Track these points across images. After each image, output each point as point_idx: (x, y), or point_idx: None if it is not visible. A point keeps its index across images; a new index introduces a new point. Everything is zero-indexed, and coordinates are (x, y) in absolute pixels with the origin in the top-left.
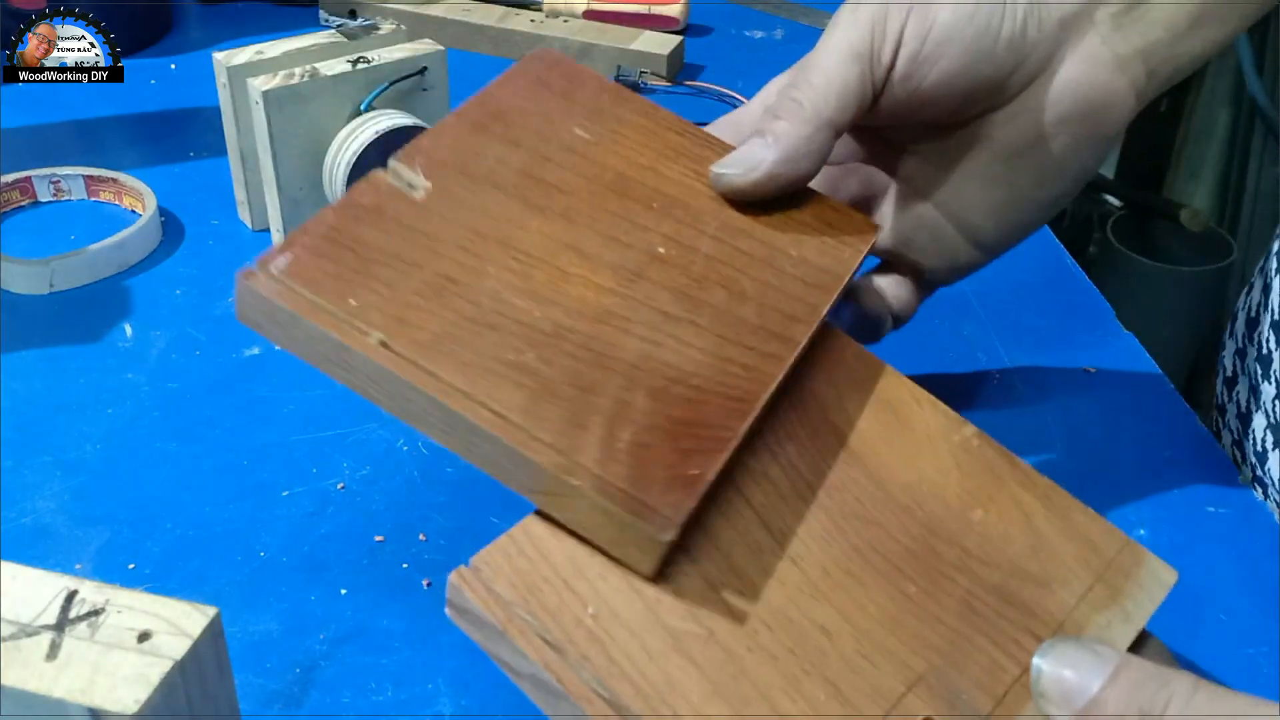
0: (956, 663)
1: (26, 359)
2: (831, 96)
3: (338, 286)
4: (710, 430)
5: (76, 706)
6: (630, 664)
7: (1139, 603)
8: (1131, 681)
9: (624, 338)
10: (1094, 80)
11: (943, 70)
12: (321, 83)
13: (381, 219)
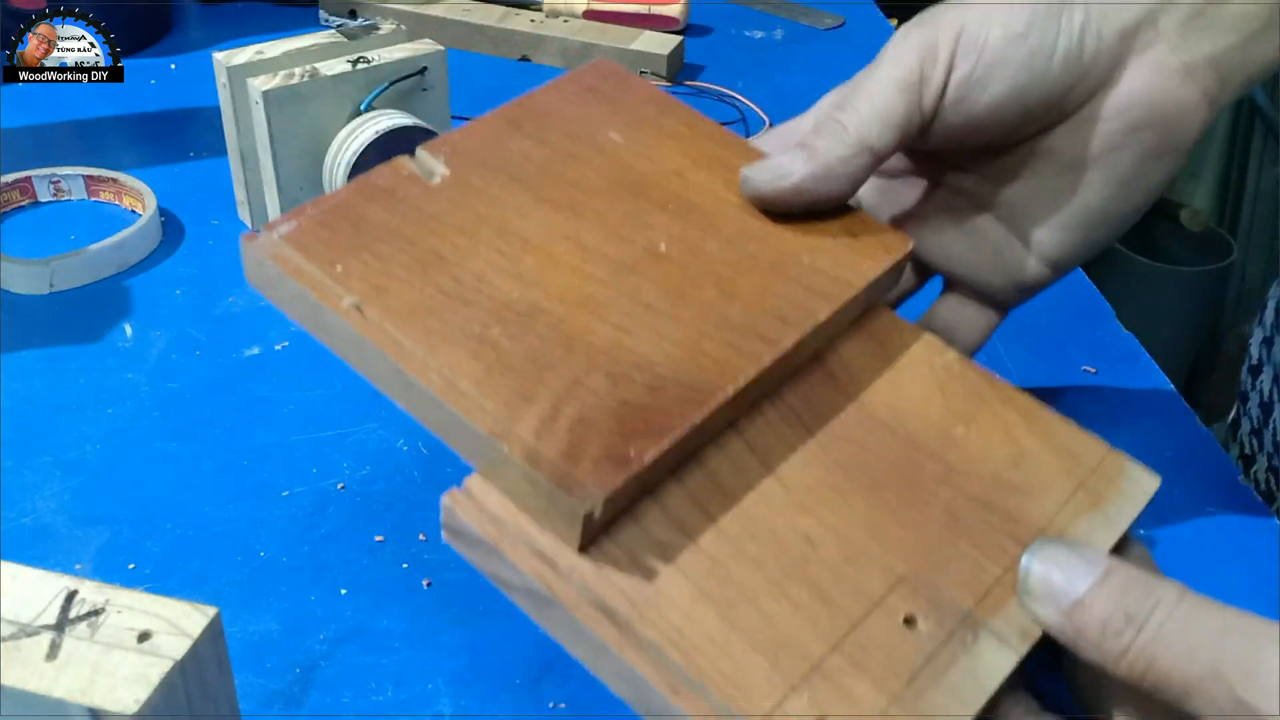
0: (939, 565)
1: (26, 359)
2: (875, 123)
3: (328, 253)
4: (661, 417)
5: (76, 706)
6: (617, 572)
7: (1121, 508)
8: (1119, 586)
9: (598, 324)
10: (1162, 90)
11: (995, 94)
12: (321, 83)
13: (391, 199)
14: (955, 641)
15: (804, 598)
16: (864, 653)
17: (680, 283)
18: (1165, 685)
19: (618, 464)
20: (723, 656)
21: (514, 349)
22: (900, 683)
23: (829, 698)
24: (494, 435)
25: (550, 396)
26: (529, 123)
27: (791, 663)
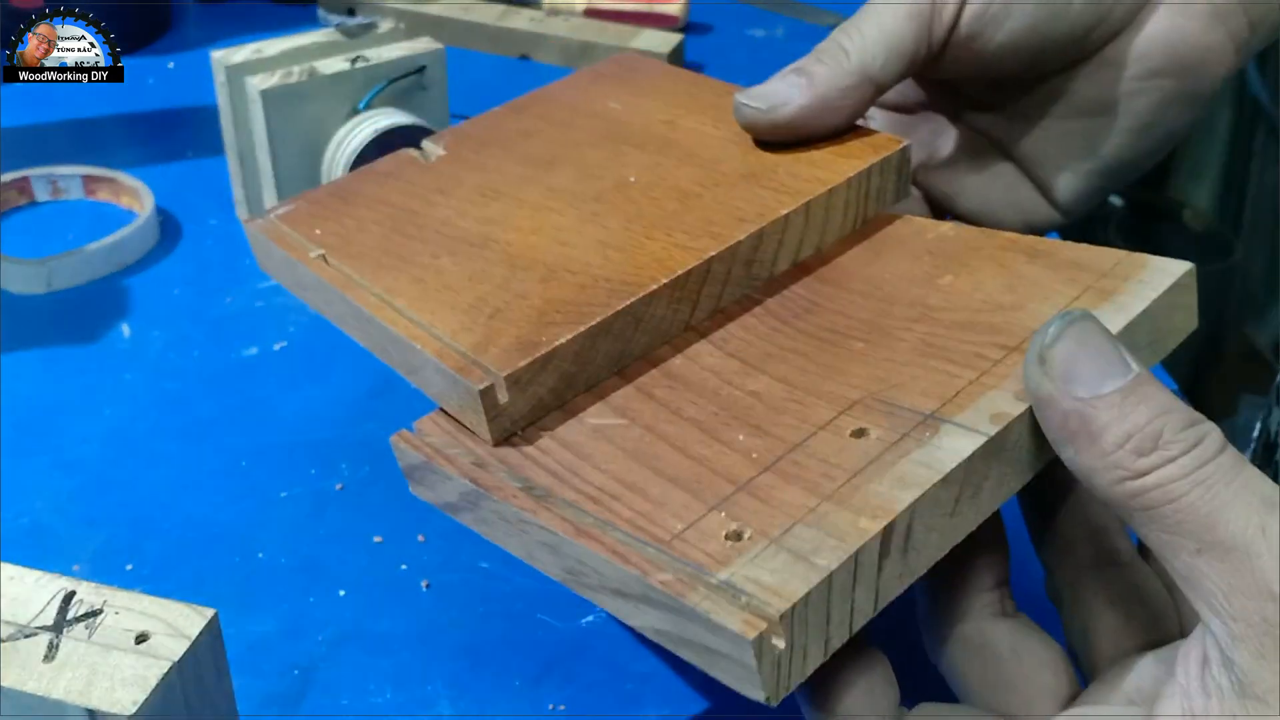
0: (900, 385)
1: (24, 359)
2: (880, 51)
3: (312, 221)
4: (584, 308)
5: (74, 708)
6: (544, 455)
7: (1136, 294)
8: (1157, 400)
9: (547, 244)
10: (1187, 33)
11: (1011, 29)
12: (320, 81)
13: (387, 178)
14: (910, 440)
15: (740, 437)
16: (799, 467)
17: (641, 203)
18: (1177, 535)
19: (525, 349)
20: (639, 497)
21: (456, 271)
22: (836, 484)
23: (751, 510)
24: (412, 338)
25: (478, 304)
26: (535, 107)
27: (715, 489)
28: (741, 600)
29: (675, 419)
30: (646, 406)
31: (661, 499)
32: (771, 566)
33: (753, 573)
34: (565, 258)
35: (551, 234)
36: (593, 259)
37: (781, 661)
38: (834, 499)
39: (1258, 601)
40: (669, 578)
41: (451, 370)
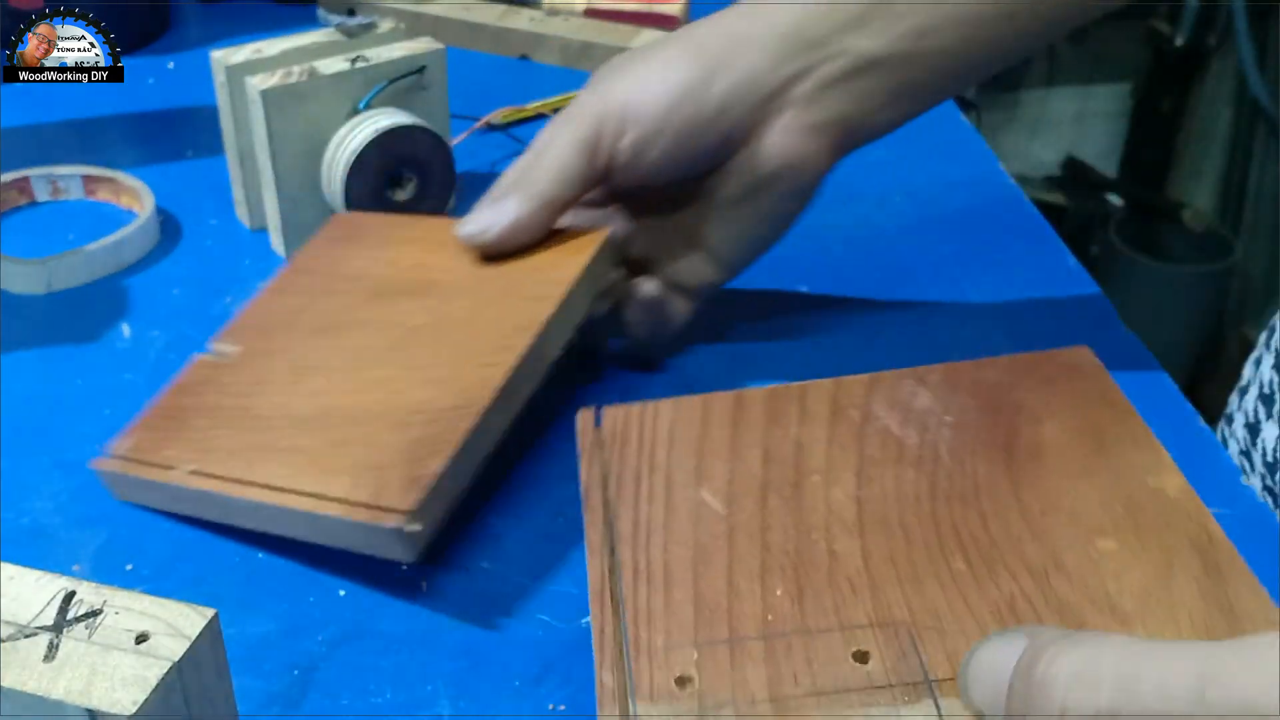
0: (940, 632)
1: (24, 359)
2: (556, 180)
3: (159, 443)
4: (441, 439)
5: (74, 708)
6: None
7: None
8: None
9: (378, 396)
10: (791, 146)
11: (658, 154)
12: (320, 81)
13: (200, 386)
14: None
15: (779, 592)
16: (787, 653)
17: (436, 340)
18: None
19: (415, 485)
20: (669, 590)
21: (315, 444)
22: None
23: (715, 668)
24: (316, 508)
25: (352, 464)
26: (291, 283)
27: (715, 629)
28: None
29: (755, 535)
30: (747, 506)
31: (676, 607)
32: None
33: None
34: (404, 404)
35: (376, 388)
36: (424, 396)
37: None
38: (777, 705)
39: None
40: (609, 680)
41: (366, 522)
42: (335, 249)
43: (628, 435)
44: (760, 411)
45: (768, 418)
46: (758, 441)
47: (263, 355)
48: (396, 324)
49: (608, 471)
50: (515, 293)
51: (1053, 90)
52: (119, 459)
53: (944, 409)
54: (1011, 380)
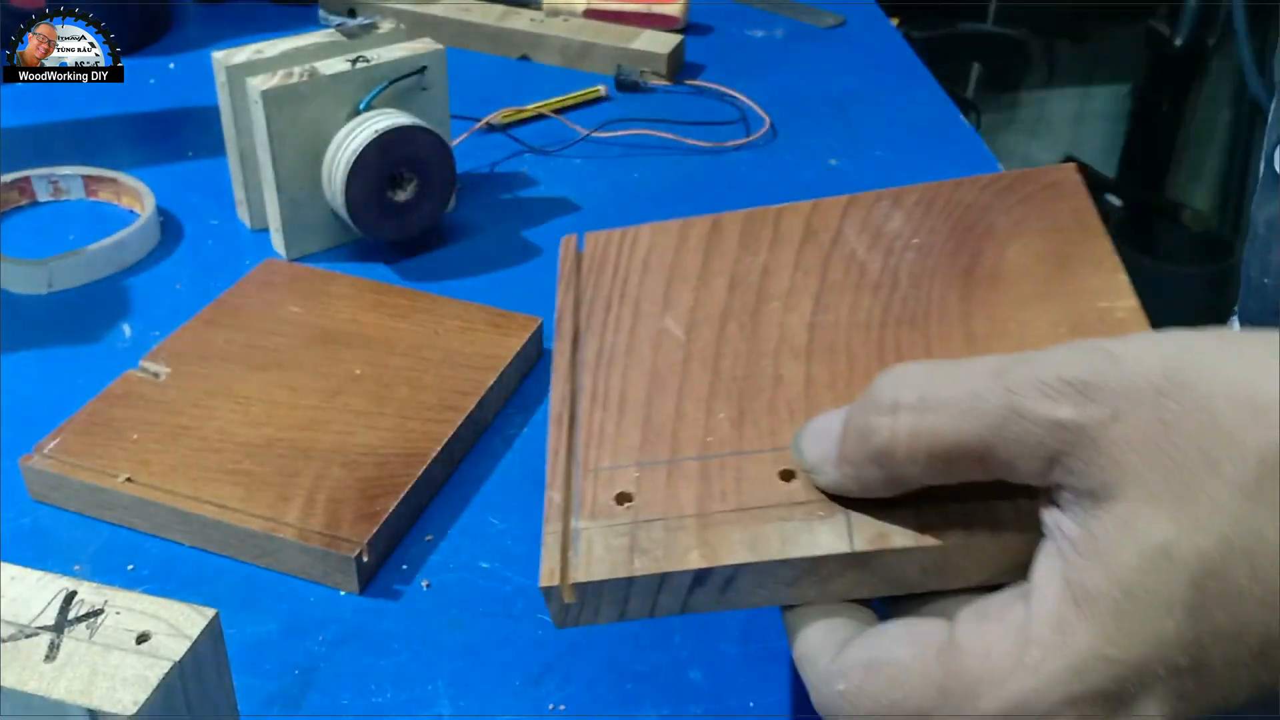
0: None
1: (26, 359)
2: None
3: (90, 449)
4: (392, 480)
5: (75, 708)
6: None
7: None
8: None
9: (325, 435)
10: None
11: None
12: (320, 82)
13: (130, 400)
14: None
15: (721, 415)
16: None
17: (379, 390)
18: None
19: (370, 519)
20: (620, 414)
21: (264, 471)
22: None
23: (653, 487)
24: (268, 530)
25: (304, 494)
26: (224, 318)
27: (657, 450)
28: (570, 553)
29: (709, 362)
30: (706, 334)
31: (626, 430)
32: (610, 544)
33: (599, 538)
34: (346, 444)
35: (321, 427)
36: (372, 441)
37: (569, 610)
38: (702, 519)
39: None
40: (557, 497)
41: (320, 548)
42: (267, 293)
43: (605, 261)
44: (735, 235)
45: (741, 243)
46: (727, 268)
47: (198, 379)
48: (336, 371)
49: (581, 298)
50: (456, 361)
51: (1052, 91)
52: (50, 458)
53: (914, 231)
54: (988, 200)
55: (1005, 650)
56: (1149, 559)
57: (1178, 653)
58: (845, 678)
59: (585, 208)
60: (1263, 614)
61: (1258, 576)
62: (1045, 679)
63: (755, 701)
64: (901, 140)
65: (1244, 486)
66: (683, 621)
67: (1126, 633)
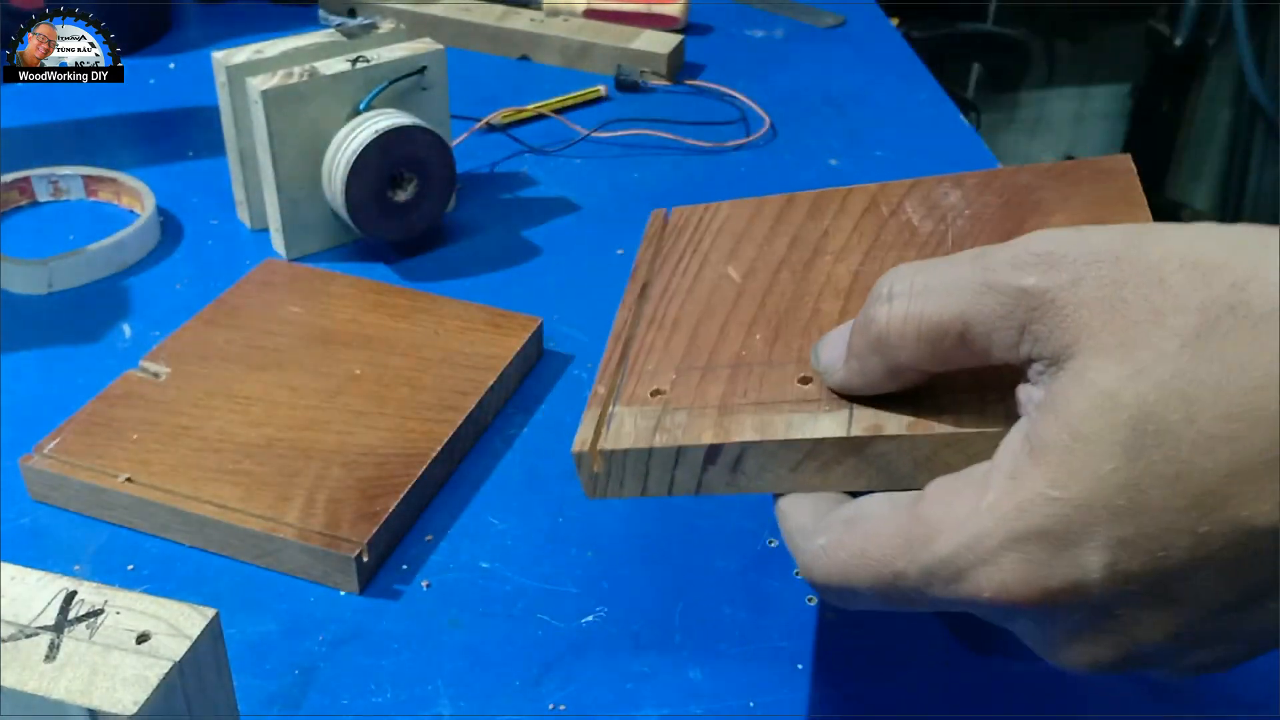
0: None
1: (26, 359)
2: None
3: (90, 449)
4: (392, 480)
5: (75, 708)
6: (678, 264)
7: None
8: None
9: (324, 435)
10: None
11: None
12: (320, 82)
13: (130, 400)
14: (816, 405)
15: (758, 337)
16: (746, 378)
17: (378, 390)
18: (934, 327)
19: (370, 519)
20: (671, 333)
21: (265, 471)
22: (739, 400)
23: (686, 386)
24: (268, 530)
25: (304, 494)
26: (223, 318)
27: (696, 360)
28: (603, 428)
29: (757, 298)
30: (761, 278)
31: (671, 346)
32: (638, 424)
33: (629, 419)
34: (346, 444)
35: (321, 427)
36: (371, 441)
37: (597, 480)
38: (722, 408)
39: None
40: (602, 390)
41: (320, 548)
42: (267, 293)
43: (685, 226)
44: (805, 208)
45: (808, 214)
46: (791, 231)
47: (198, 379)
48: (336, 371)
49: (658, 253)
50: (456, 361)
51: (1052, 91)
52: (50, 458)
53: (967, 205)
54: (1042, 182)
55: (964, 499)
56: (1094, 403)
57: (1116, 493)
58: (826, 532)
59: (585, 208)
60: (1196, 457)
61: (1192, 420)
62: (994, 519)
63: (755, 701)
64: (901, 140)
65: (1185, 337)
66: (683, 621)
67: (1070, 472)
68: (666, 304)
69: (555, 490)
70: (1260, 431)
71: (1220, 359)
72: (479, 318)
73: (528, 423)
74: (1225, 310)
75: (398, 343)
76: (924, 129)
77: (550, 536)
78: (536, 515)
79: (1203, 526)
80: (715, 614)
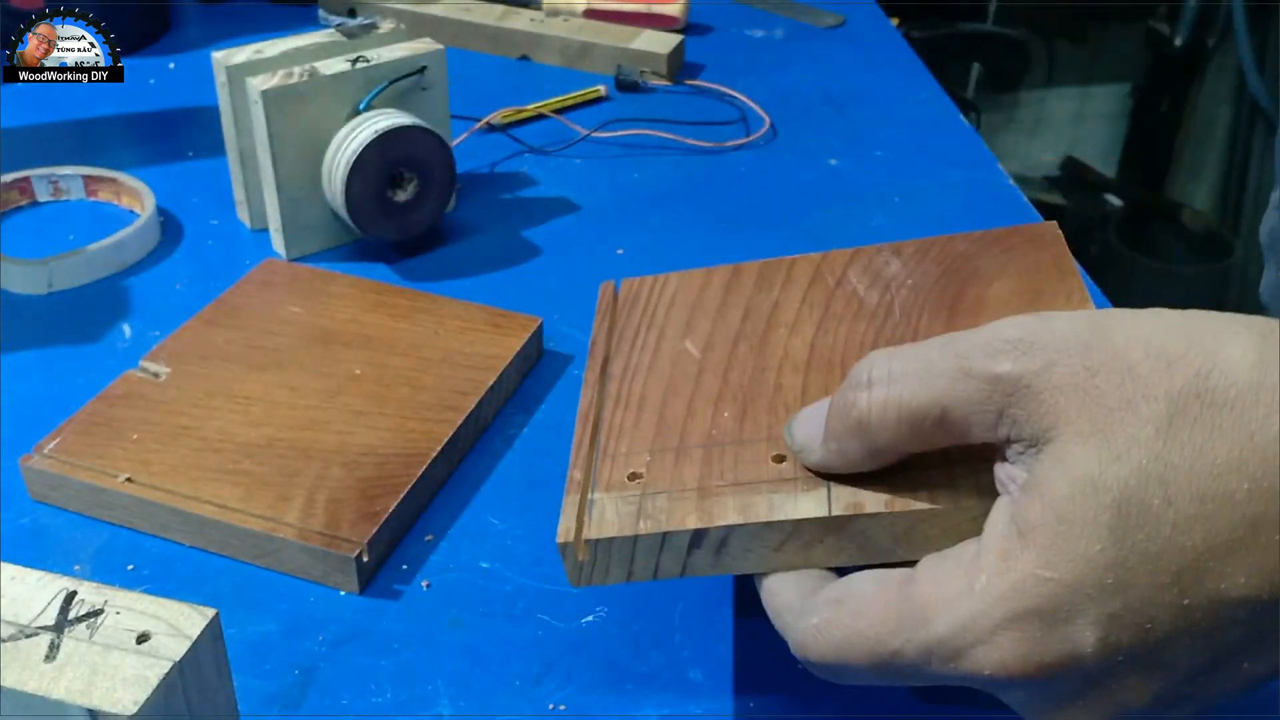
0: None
1: (26, 359)
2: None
3: (90, 449)
4: (392, 480)
5: (75, 708)
6: (633, 346)
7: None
8: (841, 390)
9: (325, 435)
10: None
11: None
12: (320, 82)
13: (131, 400)
14: (793, 485)
15: (726, 414)
16: (719, 458)
17: (378, 390)
18: (913, 413)
19: (370, 519)
20: (638, 412)
21: (264, 471)
22: (717, 483)
23: (661, 467)
24: (268, 530)
25: (304, 494)
26: (223, 318)
27: (668, 441)
28: (585, 517)
29: (719, 373)
30: (719, 352)
31: (640, 426)
32: (620, 510)
33: (610, 505)
34: (346, 444)
35: (321, 427)
36: (371, 441)
37: (583, 568)
38: (702, 491)
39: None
40: (578, 475)
41: (320, 548)
42: (267, 293)
43: (637, 299)
44: (752, 279)
45: (756, 285)
46: (743, 303)
47: (198, 379)
48: (336, 371)
49: (614, 327)
50: (456, 361)
51: (1052, 91)
52: (50, 458)
53: (909, 275)
54: (977, 250)
55: (956, 579)
56: (1077, 487)
57: (1104, 572)
58: (817, 613)
59: (585, 208)
60: (1176, 536)
61: (1170, 501)
62: (989, 600)
63: (755, 702)
64: (901, 140)
65: (1157, 424)
66: (683, 621)
67: (1059, 553)
68: (630, 382)
69: (555, 490)
70: (1228, 512)
71: (1191, 444)
72: (479, 318)
73: (528, 423)
74: (1192, 398)
75: (398, 343)
76: (924, 129)
77: (550, 536)
78: (536, 515)
79: (1185, 599)
80: (715, 614)
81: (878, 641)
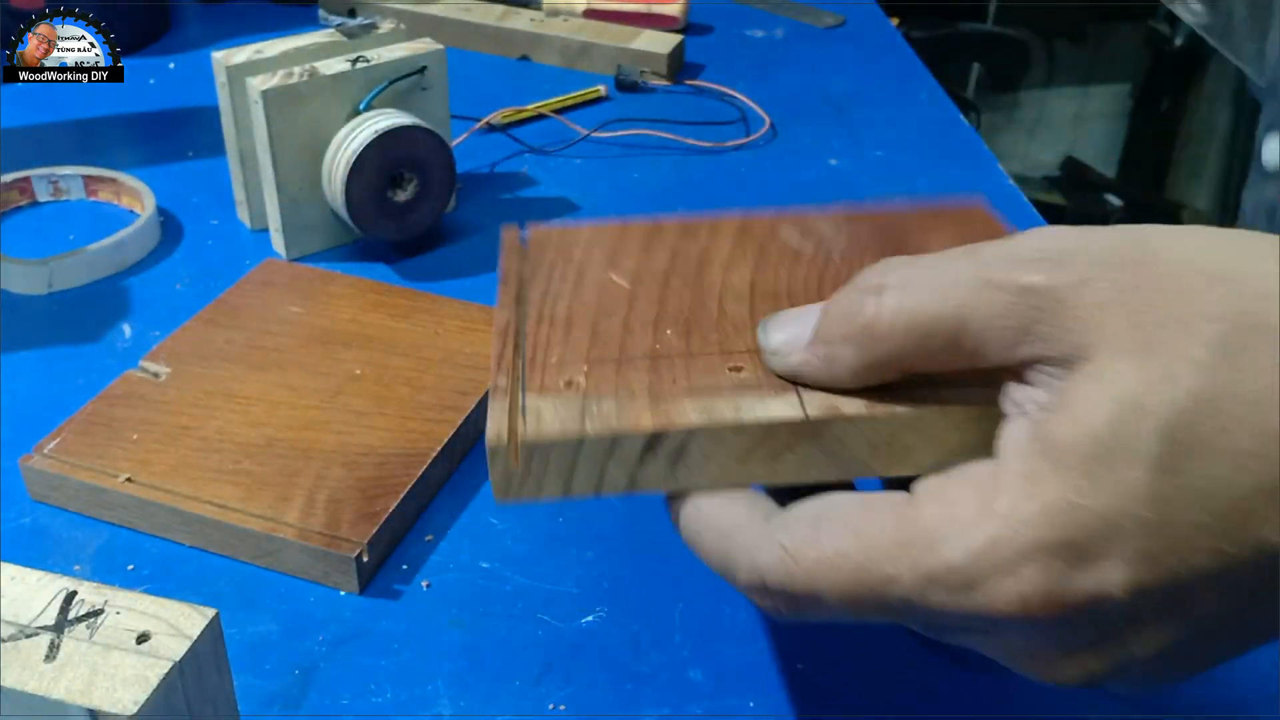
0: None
1: (26, 359)
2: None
3: (93, 449)
4: (392, 480)
5: (75, 708)
6: (555, 269)
7: None
8: (841, 296)
9: (324, 435)
10: None
11: None
12: (320, 82)
13: (130, 400)
14: (759, 390)
15: (669, 333)
16: (670, 368)
17: (378, 390)
18: (927, 322)
19: (370, 519)
20: (568, 329)
21: (264, 471)
22: (670, 387)
23: (603, 376)
24: (268, 530)
25: (304, 494)
26: (223, 318)
27: (606, 353)
28: (518, 419)
29: (654, 300)
30: (651, 284)
31: (571, 341)
32: (559, 414)
33: (547, 409)
34: (346, 444)
35: (321, 427)
36: (371, 441)
37: (512, 478)
38: (654, 395)
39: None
40: (503, 381)
41: (320, 548)
42: (267, 293)
43: (547, 242)
44: (675, 232)
45: (680, 236)
46: (668, 248)
47: (198, 379)
48: (336, 371)
49: (524, 264)
50: (456, 361)
51: (1052, 91)
52: (50, 458)
53: (839, 231)
54: (904, 220)
55: (970, 501)
56: (1121, 409)
57: (1144, 505)
58: (788, 532)
59: (585, 208)
60: (1228, 471)
61: (1227, 431)
62: (1015, 523)
63: (755, 702)
64: (901, 140)
65: (1215, 346)
66: (683, 621)
67: (1095, 480)
68: (552, 304)
69: None
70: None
71: (1251, 370)
72: (479, 318)
73: None
74: (1258, 321)
75: (398, 343)
76: (924, 129)
77: (550, 536)
78: (536, 515)
79: (1224, 542)
80: (715, 614)
81: (865, 567)
